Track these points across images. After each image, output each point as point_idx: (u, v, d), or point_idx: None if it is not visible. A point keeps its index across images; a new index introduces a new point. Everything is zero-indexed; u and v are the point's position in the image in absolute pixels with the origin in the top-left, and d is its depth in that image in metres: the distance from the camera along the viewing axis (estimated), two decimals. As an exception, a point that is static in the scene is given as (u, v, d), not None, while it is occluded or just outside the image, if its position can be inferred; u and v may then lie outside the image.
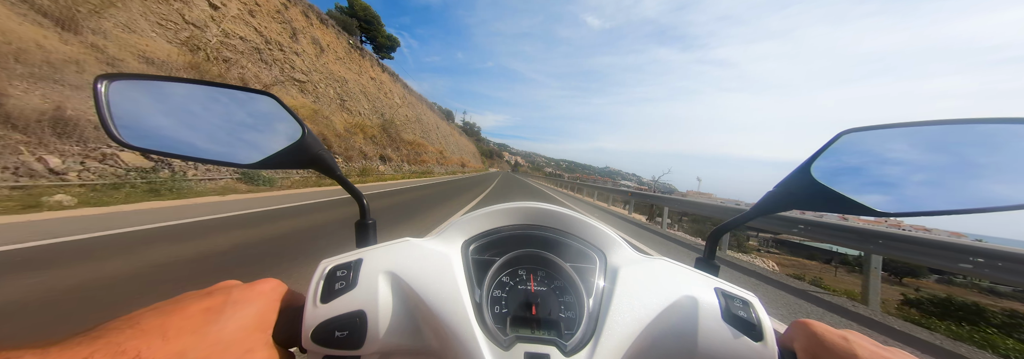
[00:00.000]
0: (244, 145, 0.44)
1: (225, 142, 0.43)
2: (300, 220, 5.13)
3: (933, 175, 0.37)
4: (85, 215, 4.34)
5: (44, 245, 3.04)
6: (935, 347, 2.64)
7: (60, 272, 2.48)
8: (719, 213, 7.09)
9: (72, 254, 2.89)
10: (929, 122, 0.37)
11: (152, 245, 3.31)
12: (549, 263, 0.40)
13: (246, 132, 0.44)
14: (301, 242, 3.88)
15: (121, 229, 3.76)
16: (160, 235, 3.69)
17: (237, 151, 0.43)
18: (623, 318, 0.32)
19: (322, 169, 0.47)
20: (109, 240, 3.36)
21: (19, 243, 3.01)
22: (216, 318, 0.27)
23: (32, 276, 2.38)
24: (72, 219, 4.08)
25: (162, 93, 0.42)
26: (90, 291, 2.22)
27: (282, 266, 3.02)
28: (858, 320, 3.08)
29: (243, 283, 0.32)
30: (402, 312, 0.33)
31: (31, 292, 2.12)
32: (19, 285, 2.21)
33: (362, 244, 0.46)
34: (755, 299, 0.35)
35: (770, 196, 0.44)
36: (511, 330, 0.33)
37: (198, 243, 3.49)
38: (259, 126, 0.45)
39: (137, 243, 3.33)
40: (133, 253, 3.01)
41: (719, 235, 0.48)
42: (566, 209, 0.47)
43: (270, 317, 0.31)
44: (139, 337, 0.22)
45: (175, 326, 0.24)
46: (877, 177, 0.39)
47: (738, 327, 0.32)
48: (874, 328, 2.92)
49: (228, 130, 0.44)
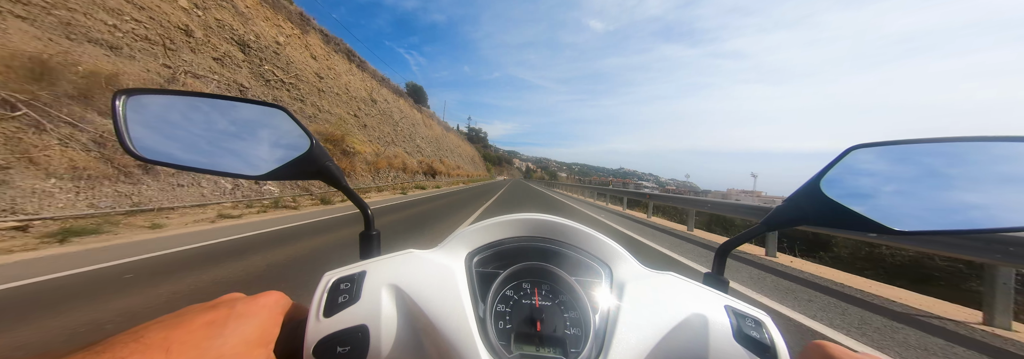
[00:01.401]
0: (254, 157, 0.45)
1: (235, 154, 0.44)
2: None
3: (950, 192, 0.36)
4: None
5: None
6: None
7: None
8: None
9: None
10: (942, 139, 0.36)
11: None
12: (554, 277, 0.40)
13: (256, 144, 0.45)
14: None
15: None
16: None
17: (247, 163, 0.44)
18: (631, 337, 0.31)
19: (328, 180, 0.47)
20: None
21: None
22: (219, 332, 0.27)
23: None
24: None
25: (176, 107, 0.43)
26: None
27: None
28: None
29: (247, 296, 0.33)
30: (405, 327, 0.32)
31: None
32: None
33: (366, 255, 0.46)
34: (768, 318, 0.34)
35: (779, 211, 0.43)
36: (515, 347, 0.33)
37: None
38: (268, 138, 0.46)
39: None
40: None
41: (728, 250, 0.47)
42: (571, 221, 0.47)
43: (272, 331, 0.31)
44: (142, 351, 0.23)
45: (178, 340, 0.25)
46: (889, 193, 0.38)
47: (751, 348, 0.31)
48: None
49: (238, 143, 0.45)
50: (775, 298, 3.34)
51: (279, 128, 0.46)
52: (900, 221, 0.37)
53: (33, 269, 3.18)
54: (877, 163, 0.39)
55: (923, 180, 0.38)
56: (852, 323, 2.79)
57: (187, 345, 0.25)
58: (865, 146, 0.40)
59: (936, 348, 2.37)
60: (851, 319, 2.88)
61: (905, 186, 0.38)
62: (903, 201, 0.37)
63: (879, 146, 0.39)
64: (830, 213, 0.39)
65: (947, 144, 0.36)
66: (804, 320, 2.81)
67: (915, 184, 0.38)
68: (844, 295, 3.56)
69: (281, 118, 0.46)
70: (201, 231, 5.24)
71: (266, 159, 0.45)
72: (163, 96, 0.43)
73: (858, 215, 0.38)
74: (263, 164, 0.44)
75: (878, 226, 0.37)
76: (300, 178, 0.46)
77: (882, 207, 0.38)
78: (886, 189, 0.39)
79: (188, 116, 0.43)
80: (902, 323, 2.83)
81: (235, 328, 0.28)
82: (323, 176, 0.47)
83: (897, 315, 3.03)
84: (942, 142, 0.36)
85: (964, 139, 0.36)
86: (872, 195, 0.39)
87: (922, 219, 0.36)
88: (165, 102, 0.43)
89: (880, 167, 0.39)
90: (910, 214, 0.37)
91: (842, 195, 0.39)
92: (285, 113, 0.46)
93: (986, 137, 0.35)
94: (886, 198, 0.38)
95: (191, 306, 0.30)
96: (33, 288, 2.74)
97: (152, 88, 0.43)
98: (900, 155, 0.39)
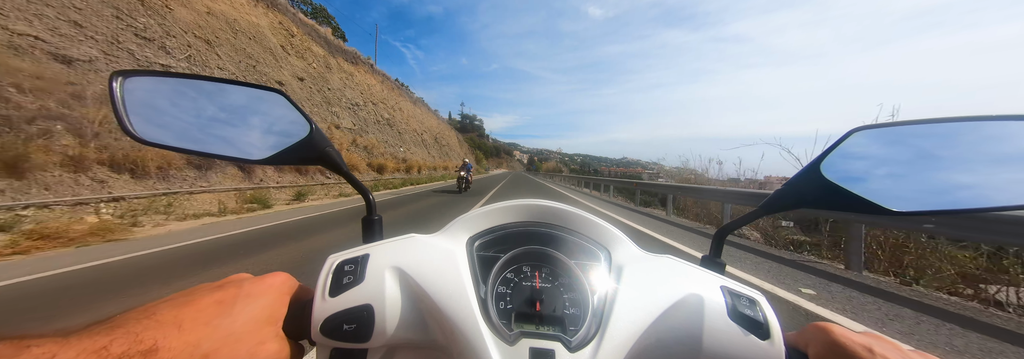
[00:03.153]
0: (253, 141, 0.44)
1: (235, 138, 0.44)
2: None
3: (949, 172, 0.36)
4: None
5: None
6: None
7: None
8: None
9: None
10: (943, 119, 0.36)
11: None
12: (553, 260, 0.40)
13: (255, 128, 0.45)
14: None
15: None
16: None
17: (246, 147, 0.44)
18: (628, 315, 0.32)
19: (329, 165, 0.47)
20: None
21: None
22: (228, 310, 0.28)
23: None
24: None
25: (175, 89, 0.43)
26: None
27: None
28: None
29: (254, 276, 0.33)
30: (408, 307, 0.33)
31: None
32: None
33: (368, 239, 0.47)
34: (762, 298, 0.35)
35: (778, 195, 0.43)
36: (516, 326, 0.33)
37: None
38: (268, 122, 0.45)
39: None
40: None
41: (725, 234, 0.47)
42: (571, 207, 0.47)
43: (280, 310, 0.32)
44: (156, 327, 0.23)
45: (190, 318, 0.25)
46: (890, 175, 0.39)
47: (744, 325, 0.32)
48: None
49: (238, 126, 0.44)
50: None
51: (276, 112, 0.45)
52: (897, 203, 0.37)
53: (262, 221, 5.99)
54: (876, 145, 0.39)
55: (918, 162, 0.38)
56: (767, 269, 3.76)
57: (198, 322, 0.25)
58: (867, 128, 0.40)
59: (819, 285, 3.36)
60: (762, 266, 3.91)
61: (901, 168, 0.39)
62: (900, 183, 0.38)
63: (880, 128, 0.39)
64: (829, 196, 0.39)
65: (949, 124, 0.36)
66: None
67: (911, 166, 0.38)
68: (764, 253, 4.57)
69: (279, 102, 0.45)
70: (334, 203, 8.91)
71: (265, 143, 0.44)
72: (160, 78, 0.42)
73: (857, 197, 0.38)
74: (262, 148, 0.44)
75: (876, 207, 0.38)
76: (300, 163, 0.46)
77: (880, 189, 0.38)
78: (884, 171, 0.39)
79: (186, 98, 0.43)
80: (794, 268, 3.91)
81: (244, 307, 0.29)
82: (324, 162, 0.47)
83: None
84: (942, 123, 0.36)
85: (962, 119, 0.36)
86: (871, 177, 0.39)
87: (918, 200, 0.37)
88: (163, 84, 0.42)
89: (879, 150, 0.39)
90: (906, 196, 0.37)
91: (842, 178, 0.39)
92: (284, 97, 0.45)
93: (983, 116, 0.35)
94: (884, 180, 0.38)
95: (200, 286, 0.30)
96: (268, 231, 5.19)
97: (149, 70, 0.43)
98: (901, 136, 0.39)
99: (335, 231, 5.32)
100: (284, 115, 0.46)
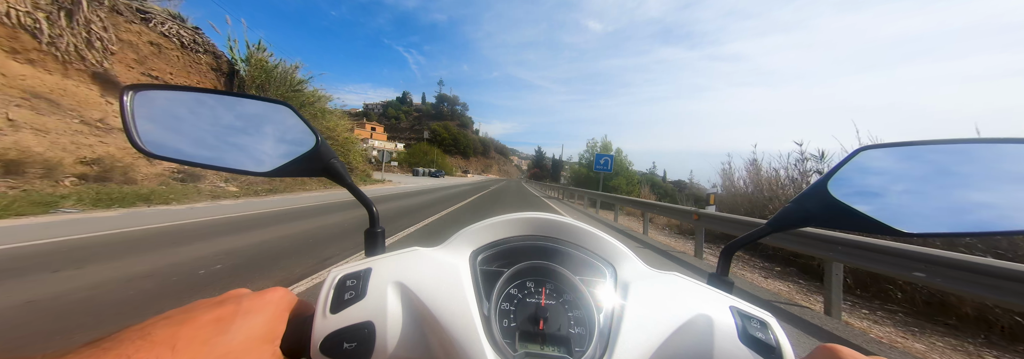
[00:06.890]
0: (260, 154, 0.45)
1: (241, 151, 0.44)
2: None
3: (959, 193, 0.35)
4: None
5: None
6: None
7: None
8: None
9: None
10: (950, 141, 0.36)
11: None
12: (558, 276, 0.39)
13: (261, 141, 0.45)
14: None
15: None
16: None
17: (253, 159, 0.44)
18: (635, 336, 0.31)
19: (333, 177, 0.47)
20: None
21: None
22: (226, 328, 0.27)
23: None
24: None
25: (183, 103, 0.43)
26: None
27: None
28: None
29: (252, 292, 0.33)
30: (410, 323, 0.32)
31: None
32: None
33: (371, 252, 0.46)
34: (773, 320, 0.34)
35: (785, 212, 0.42)
36: (520, 345, 0.32)
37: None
38: (274, 135, 0.46)
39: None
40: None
41: (732, 251, 0.46)
42: (575, 220, 0.47)
43: (279, 327, 0.31)
44: (149, 348, 0.22)
45: (185, 337, 0.25)
46: (898, 194, 0.38)
47: (756, 349, 0.31)
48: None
49: (244, 139, 0.44)
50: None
51: (284, 125, 0.46)
52: (909, 223, 0.36)
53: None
54: (886, 163, 0.39)
55: (934, 180, 0.36)
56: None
57: (194, 341, 0.25)
58: (874, 147, 0.40)
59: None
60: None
61: (914, 186, 0.37)
62: (912, 202, 0.37)
63: (888, 147, 0.39)
64: (837, 214, 0.38)
65: (958, 145, 0.36)
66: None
67: (925, 184, 0.37)
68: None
69: (286, 115, 0.46)
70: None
71: (272, 155, 0.45)
72: (170, 92, 0.43)
73: (865, 216, 0.37)
74: (269, 160, 0.44)
75: (886, 227, 0.36)
76: (306, 175, 0.46)
77: (890, 208, 0.37)
78: (895, 190, 0.38)
79: (195, 112, 0.43)
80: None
81: (242, 324, 0.28)
82: (329, 173, 0.47)
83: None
84: (950, 144, 0.36)
85: (972, 141, 0.35)
86: (880, 196, 0.38)
87: (932, 220, 0.36)
88: (172, 98, 0.43)
89: (889, 167, 0.38)
90: (920, 215, 0.36)
91: (849, 196, 0.38)
92: (290, 110, 0.46)
93: (994, 138, 0.34)
94: (894, 199, 0.37)
95: (198, 302, 0.30)
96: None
97: (158, 83, 0.43)
98: (910, 156, 0.38)
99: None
100: (291, 128, 0.46)
